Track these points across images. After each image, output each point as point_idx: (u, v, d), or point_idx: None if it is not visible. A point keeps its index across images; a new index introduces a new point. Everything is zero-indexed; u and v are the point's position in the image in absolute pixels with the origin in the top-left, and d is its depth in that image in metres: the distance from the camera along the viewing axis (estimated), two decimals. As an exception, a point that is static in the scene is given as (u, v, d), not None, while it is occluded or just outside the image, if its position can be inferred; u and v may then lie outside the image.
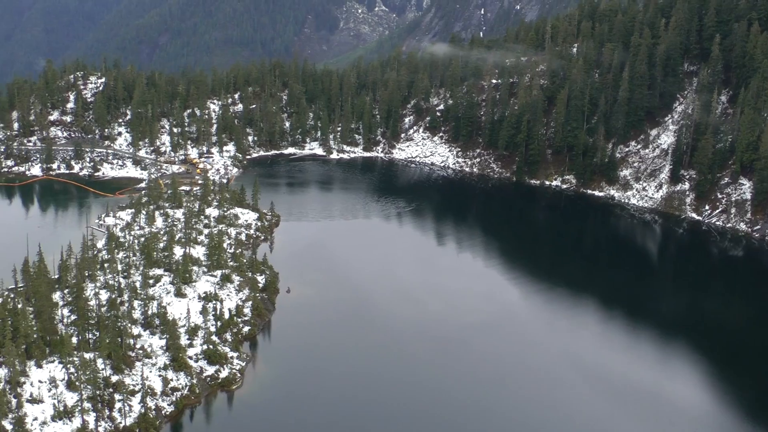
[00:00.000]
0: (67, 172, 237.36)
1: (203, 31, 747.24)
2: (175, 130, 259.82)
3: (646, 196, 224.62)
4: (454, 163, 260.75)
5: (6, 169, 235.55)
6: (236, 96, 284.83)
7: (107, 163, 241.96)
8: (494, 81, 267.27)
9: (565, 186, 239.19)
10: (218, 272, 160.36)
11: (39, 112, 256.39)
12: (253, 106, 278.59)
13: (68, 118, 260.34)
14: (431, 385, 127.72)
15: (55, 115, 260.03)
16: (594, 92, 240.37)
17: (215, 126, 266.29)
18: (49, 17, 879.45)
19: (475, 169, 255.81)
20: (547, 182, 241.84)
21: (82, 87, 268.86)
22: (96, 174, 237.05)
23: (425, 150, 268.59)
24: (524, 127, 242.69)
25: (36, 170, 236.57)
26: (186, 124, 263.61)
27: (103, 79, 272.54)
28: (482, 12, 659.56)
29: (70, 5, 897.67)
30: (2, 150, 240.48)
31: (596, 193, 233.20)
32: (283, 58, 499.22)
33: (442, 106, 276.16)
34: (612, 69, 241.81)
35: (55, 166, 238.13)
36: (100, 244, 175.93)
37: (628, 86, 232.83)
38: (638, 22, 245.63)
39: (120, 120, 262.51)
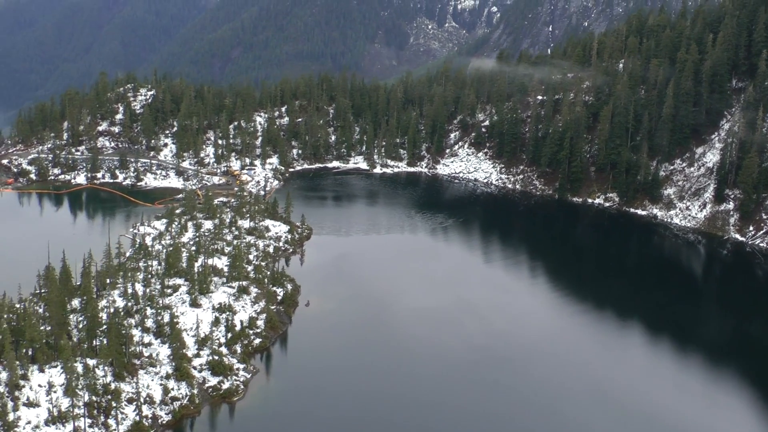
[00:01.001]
0: (111, 181, 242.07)
1: (274, 44, 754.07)
2: (220, 141, 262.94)
3: (689, 215, 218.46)
4: (497, 180, 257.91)
5: (52, 177, 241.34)
6: (283, 109, 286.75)
7: (151, 174, 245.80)
8: (540, 97, 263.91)
9: (607, 204, 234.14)
10: (236, 284, 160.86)
11: (88, 122, 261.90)
12: (300, 119, 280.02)
13: (116, 129, 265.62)
14: (446, 412, 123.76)
15: (103, 126, 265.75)
16: (639, 109, 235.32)
17: (260, 138, 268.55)
18: (126, 31, 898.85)
19: (517, 186, 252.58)
20: (590, 200, 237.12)
21: (131, 99, 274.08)
22: (139, 184, 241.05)
23: (469, 166, 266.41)
24: (567, 144, 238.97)
25: (81, 179, 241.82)
26: (231, 136, 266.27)
27: (152, 92, 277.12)
28: (550, 29, 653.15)
29: (147, 20, 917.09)
30: (50, 158, 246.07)
31: (639, 211, 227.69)
32: (352, 72, 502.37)
33: (487, 122, 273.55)
34: (657, 85, 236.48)
35: (99, 175, 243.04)
36: (129, 252, 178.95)
37: (673, 103, 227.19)
38: (685, 38, 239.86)
39: (167, 131, 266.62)
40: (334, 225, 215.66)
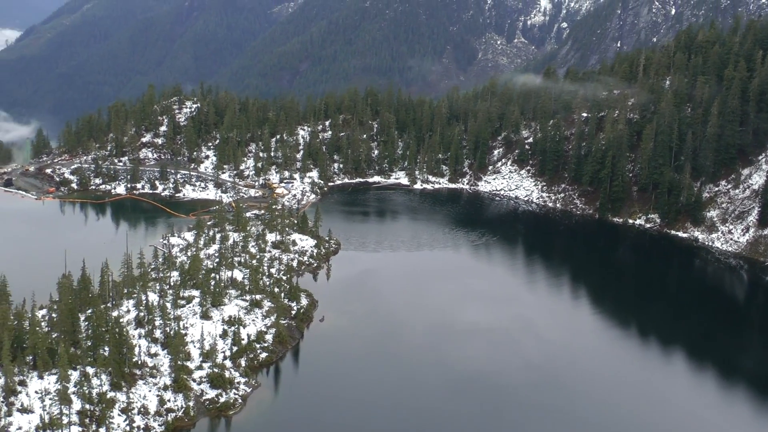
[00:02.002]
0: (151, 192, 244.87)
1: (342, 58, 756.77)
2: (261, 154, 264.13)
3: (731, 239, 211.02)
4: (538, 198, 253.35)
5: (93, 187, 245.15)
6: (327, 123, 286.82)
7: (190, 185, 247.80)
8: (584, 114, 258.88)
9: (648, 225, 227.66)
10: (249, 297, 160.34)
11: (132, 134, 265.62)
12: (343, 133, 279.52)
13: (160, 141, 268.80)
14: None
15: (147, 137, 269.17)
16: (683, 127, 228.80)
17: (302, 152, 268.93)
18: (198, 45, 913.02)
19: (558, 205, 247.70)
20: (631, 220, 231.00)
21: (177, 111, 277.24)
22: (177, 195, 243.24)
23: (511, 183, 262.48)
24: (608, 163, 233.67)
25: (121, 189, 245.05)
26: (273, 149, 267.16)
27: (197, 104, 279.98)
28: (618, 45, 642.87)
29: (218, 33, 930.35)
30: (92, 168, 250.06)
31: (680, 233, 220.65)
32: (420, 87, 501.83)
33: (531, 139, 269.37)
34: (703, 103, 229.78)
35: (139, 185, 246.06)
36: (155, 262, 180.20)
37: (718, 122, 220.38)
38: (734, 54, 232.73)
39: (209, 144, 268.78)
40: (364, 240, 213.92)
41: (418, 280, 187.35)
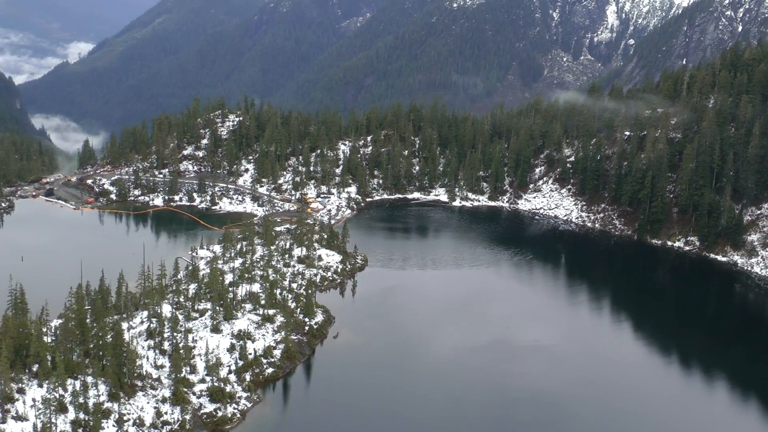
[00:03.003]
0: (188, 204, 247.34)
1: (407, 73, 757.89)
2: (301, 168, 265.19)
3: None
4: (577, 217, 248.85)
5: (132, 198, 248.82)
6: (368, 138, 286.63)
7: (227, 198, 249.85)
8: (627, 133, 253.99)
9: (687, 248, 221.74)
10: (263, 311, 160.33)
11: (174, 146, 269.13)
12: (385, 149, 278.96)
13: (201, 153, 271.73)
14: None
15: (189, 150, 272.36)
16: (726, 148, 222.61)
17: (341, 167, 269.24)
18: (266, 58, 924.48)
19: (597, 225, 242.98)
20: (669, 242, 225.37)
21: (219, 124, 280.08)
22: (213, 207, 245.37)
23: (551, 202, 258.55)
24: (648, 183, 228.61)
25: (159, 201, 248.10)
26: (312, 163, 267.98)
27: (240, 118, 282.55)
28: (684, 62, 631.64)
29: (287, 47, 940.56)
30: (132, 180, 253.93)
31: (719, 257, 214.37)
32: (485, 103, 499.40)
33: (573, 158, 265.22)
34: (746, 123, 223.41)
35: (177, 198, 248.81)
36: (181, 274, 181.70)
37: (760, 142, 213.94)
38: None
39: (250, 157, 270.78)
40: (392, 257, 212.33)
41: (441, 298, 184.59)
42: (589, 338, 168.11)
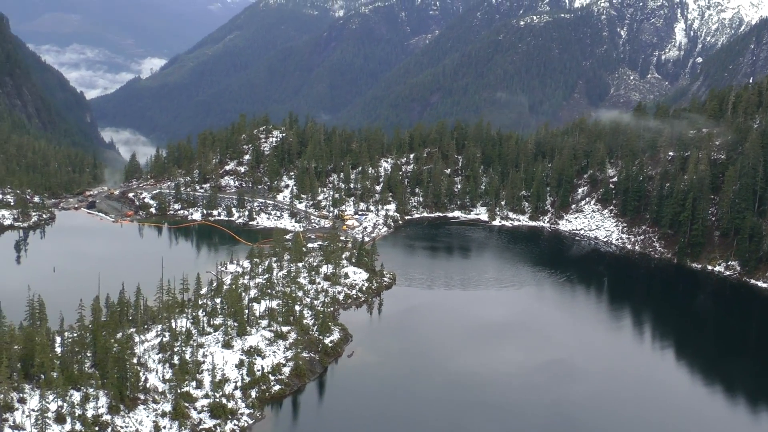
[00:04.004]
0: (226, 219, 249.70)
1: (473, 91, 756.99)
2: (342, 185, 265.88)
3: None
4: (618, 239, 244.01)
5: (172, 212, 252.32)
6: (411, 156, 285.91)
7: (265, 213, 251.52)
8: (671, 153, 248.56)
9: (727, 272, 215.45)
10: (277, 328, 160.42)
11: (217, 161, 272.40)
12: (427, 166, 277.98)
13: (242, 169, 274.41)
14: None
15: (231, 165, 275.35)
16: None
17: (381, 184, 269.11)
18: (334, 74, 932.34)
19: (637, 247, 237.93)
20: (710, 267, 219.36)
21: (263, 140, 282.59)
22: (251, 223, 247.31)
23: (592, 223, 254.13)
24: (689, 205, 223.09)
25: (197, 215, 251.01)
26: (352, 180, 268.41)
27: (284, 134, 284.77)
28: (751, 80, 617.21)
29: (355, 63, 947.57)
30: (172, 194, 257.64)
31: (759, 283, 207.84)
32: (551, 122, 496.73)
33: (616, 178, 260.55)
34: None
35: (216, 212, 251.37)
36: (204, 289, 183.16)
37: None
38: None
39: (291, 173, 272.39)
40: (422, 276, 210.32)
41: (464, 319, 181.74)
42: (628, 363, 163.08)
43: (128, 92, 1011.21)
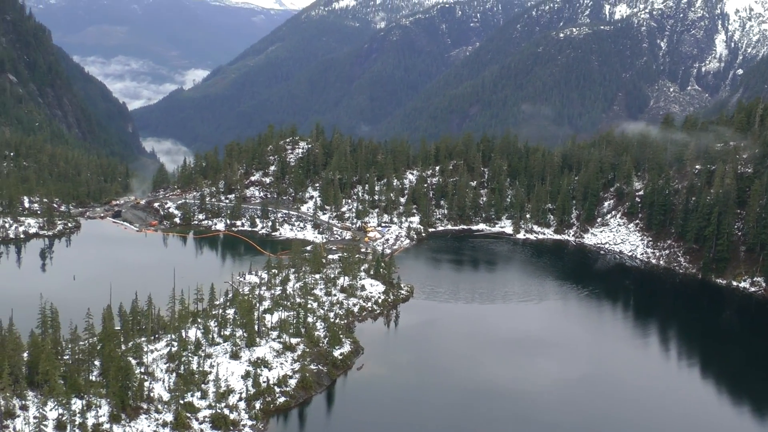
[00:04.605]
0: (250, 229, 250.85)
1: (512, 103, 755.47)
2: (366, 197, 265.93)
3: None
4: (642, 254, 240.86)
5: (196, 222, 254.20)
6: (437, 168, 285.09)
7: (288, 224, 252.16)
8: (697, 167, 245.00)
9: (753, 289, 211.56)
10: (286, 339, 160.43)
11: (243, 172, 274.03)
12: (453, 179, 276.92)
13: (268, 180, 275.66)
14: None
15: (256, 176, 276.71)
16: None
17: (406, 196, 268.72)
18: (375, 86, 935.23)
19: (661, 262, 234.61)
20: (735, 282, 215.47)
21: (289, 151, 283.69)
22: (273, 234, 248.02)
23: (617, 237, 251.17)
24: (714, 220, 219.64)
25: (220, 225, 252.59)
26: (377, 192, 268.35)
27: (310, 145, 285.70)
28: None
29: (396, 75, 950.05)
30: (197, 204, 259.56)
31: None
32: (589, 134, 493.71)
33: (642, 192, 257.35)
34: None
35: (239, 223, 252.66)
36: (220, 299, 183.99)
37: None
38: None
39: (316, 185, 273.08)
40: (440, 289, 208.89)
41: (482, 333, 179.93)
42: (653, 380, 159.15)
43: (171, 103, 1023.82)
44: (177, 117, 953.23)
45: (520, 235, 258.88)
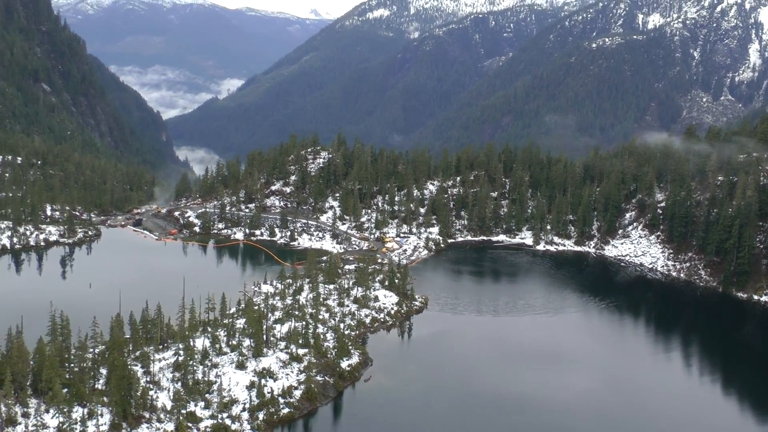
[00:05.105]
0: (268, 238, 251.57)
1: (544, 113, 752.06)
2: (386, 207, 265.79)
3: None
4: (663, 266, 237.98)
5: (216, 231, 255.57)
6: (458, 179, 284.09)
7: (307, 234, 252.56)
8: (720, 178, 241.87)
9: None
10: (293, 349, 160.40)
11: (263, 182, 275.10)
12: (474, 189, 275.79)
13: (288, 189, 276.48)
14: None
15: (277, 186, 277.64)
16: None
17: (426, 207, 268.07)
18: (408, 96, 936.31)
19: (682, 275, 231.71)
20: (756, 296, 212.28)
21: (310, 161, 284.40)
22: (292, 243, 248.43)
23: (638, 249, 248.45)
24: (735, 232, 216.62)
25: (239, 235, 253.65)
26: (396, 202, 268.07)
27: (331, 155, 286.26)
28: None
29: (428, 85, 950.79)
30: (217, 213, 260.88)
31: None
32: (620, 145, 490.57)
33: (664, 203, 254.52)
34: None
35: (258, 232, 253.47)
36: (232, 309, 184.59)
37: None
38: None
39: (336, 194, 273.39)
40: (455, 300, 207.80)
41: (495, 346, 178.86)
42: (676, 396, 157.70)
43: (205, 112, 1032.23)
44: (211, 126, 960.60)
45: (540, 247, 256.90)
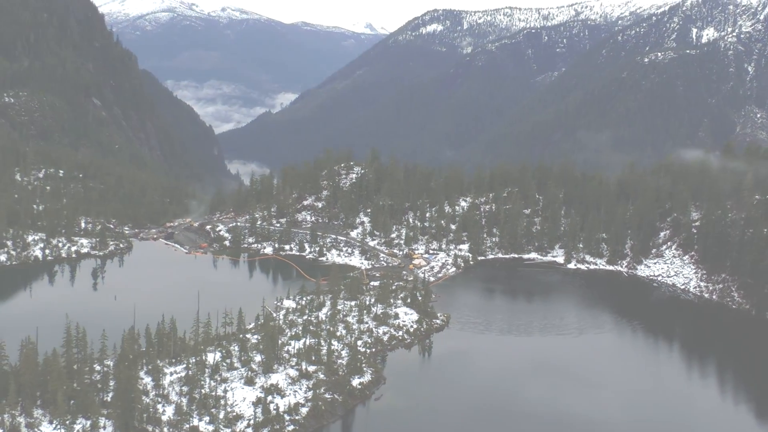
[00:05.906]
0: (297, 253, 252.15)
1: (595, 129, 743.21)
2: (416, 223, 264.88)
3: None
4: (695, 287, 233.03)
5: (246, 245, 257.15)
6: (491, 195, 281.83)
7: (336, 250, 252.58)
8: (757, 197, 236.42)
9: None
10: (304, 366, 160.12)
11: (295, 197, 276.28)
12: (507, 206, 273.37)
13: (320, 204, 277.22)
14: None
15: (309, 201, 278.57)
16: None
17: (457, 224, 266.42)
18: (460, 110, 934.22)
19: (714, 296, 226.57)
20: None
21: (343, 176, 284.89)
22: (320, 258, 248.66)
23: (670, 269, 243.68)
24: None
25: (269, 249, 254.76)
26: (428, 219, 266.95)
27: (364, 171, 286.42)
28: None
29: (480, 100, 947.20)
30: (248, 228, 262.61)
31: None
32: (658, 162, 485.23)
33: (699, 222, 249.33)
34: None
35: (288, 247, 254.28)
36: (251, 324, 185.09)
37: None
38: None
39: (368, 210, 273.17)
40: (477, 319, 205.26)
41: (513, 367, 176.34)
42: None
43: (258, 126, 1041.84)
44: (264, 140, 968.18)
45: (571, 265, 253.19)
